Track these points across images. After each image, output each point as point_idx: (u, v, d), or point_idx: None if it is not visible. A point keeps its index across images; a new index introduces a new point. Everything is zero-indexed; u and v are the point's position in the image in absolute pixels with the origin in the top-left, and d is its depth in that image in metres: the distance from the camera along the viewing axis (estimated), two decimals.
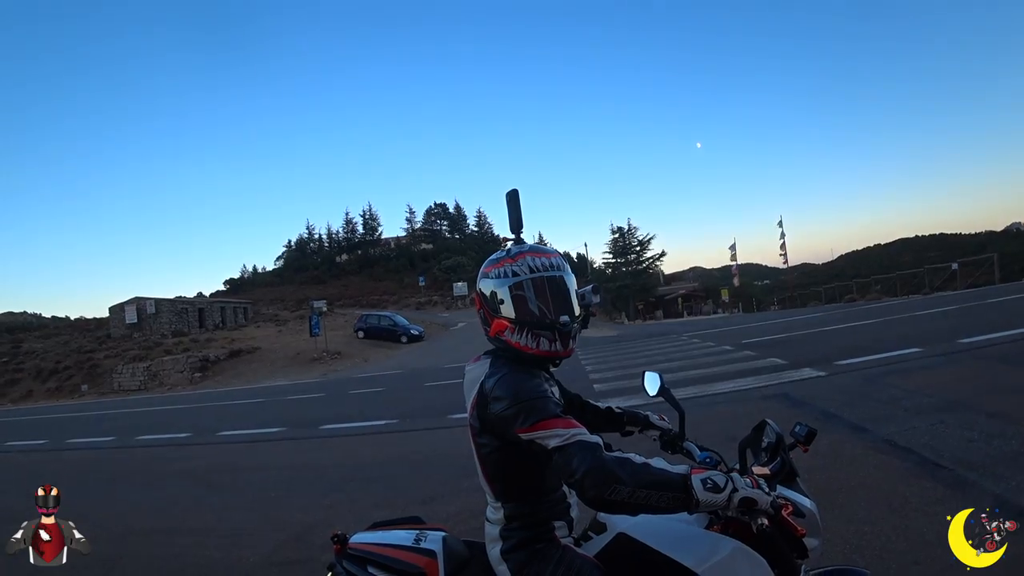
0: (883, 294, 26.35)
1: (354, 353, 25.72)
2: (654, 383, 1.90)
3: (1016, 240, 62.44)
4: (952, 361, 6.82)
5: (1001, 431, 4.17)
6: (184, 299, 43.86)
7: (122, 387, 24.75)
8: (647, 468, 1.19)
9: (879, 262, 74.76)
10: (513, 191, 1.61)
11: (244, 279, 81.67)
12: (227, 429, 9.63)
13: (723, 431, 4.90)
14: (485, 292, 1.48)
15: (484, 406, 1.38)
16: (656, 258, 48.87)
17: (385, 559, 1.48)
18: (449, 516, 4.00)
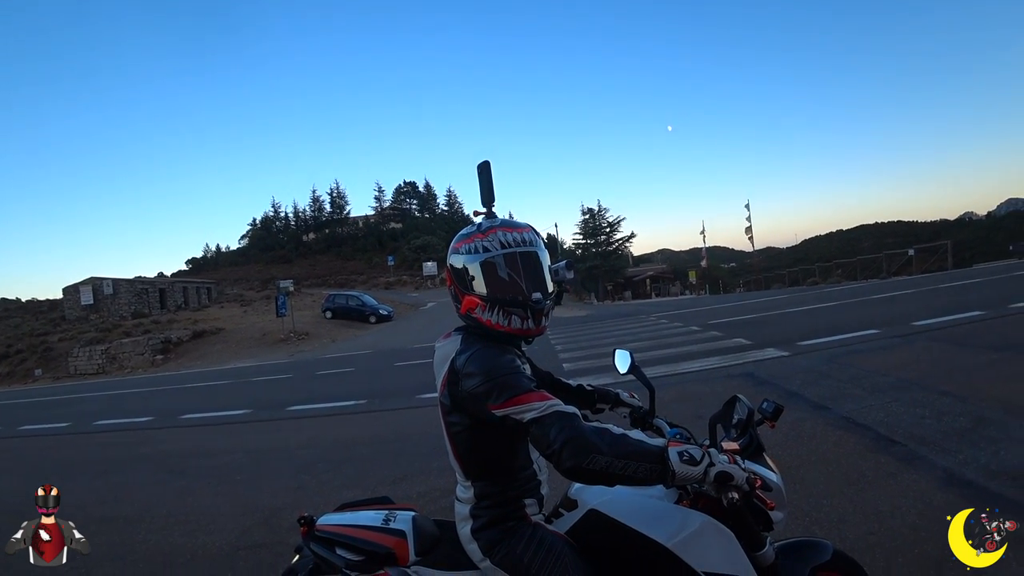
0: (844, 278, 27.23)
1: (322, 334, 25.37)
2: (624, 361, 1.90)
3: (968, 228, 65.12)
4: (907, 343, 7.09)
5: (950, 408, 4.36)
6: (144, 279, 42.44)
7: (79, 371, 23.90)
8: (625, 439, 1.19)
9: (841, 247, 77.25)
10: (484, 163, 1.57)
11: (207, 258, 79.33)
12: (191, 412, 9.39)
13: (691, 409, 5.01)
14: (456, 268, 1.44)
15: (455, 383, 1.35)
16: (626, 240, 49.45)
17: (353, 540, 1.45)
18: (420, 496, 4.00)
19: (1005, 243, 31.37)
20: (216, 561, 3.44)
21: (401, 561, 1.44)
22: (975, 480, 3.13)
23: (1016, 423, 3.88)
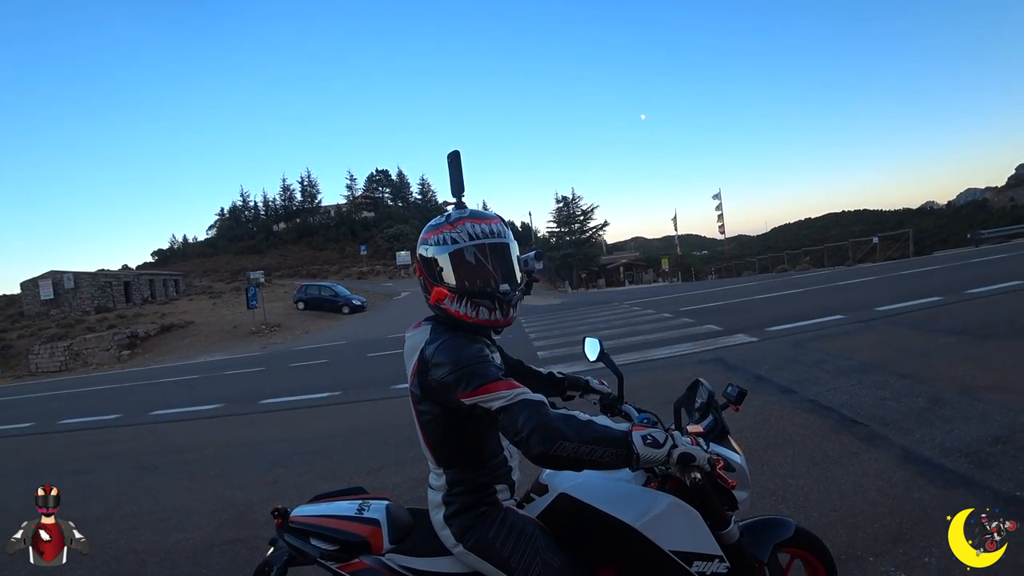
0: (812, 265, 27.95)
1: (294, 325, 25.03)
2: (594, 349, 1.94)
3: (929, 217, 67.26)
4: (870, 327, 7.33)
5: (909, 390, 4.54)
6: (107, 272, 41.18)
7: (40, 369, 23.11)
8: (591, 425, 1.22)
9: (809, 235, 79.11)
10: (454, 152, 1.56)
11: (174, 250, 77.21)
12: (160, 408, 9.18)
13: (661, 395, 5.09)
14: (425, 259, 1.44)
15: (425, 373, 1.37)
16: (599, 228, 49.75)
17: (328, 530, 1.46)
18: (395, 485, 4.01)
19: (964, 231, 32.49)
20: (190, 558, 3.39)
21: (375, 549, 1.45)
22: (931, 457, 3.28)
23: (970, 403, 4.06)
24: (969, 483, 2.93)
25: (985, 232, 26.17)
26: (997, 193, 70.08)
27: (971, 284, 9.48)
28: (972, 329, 6.33)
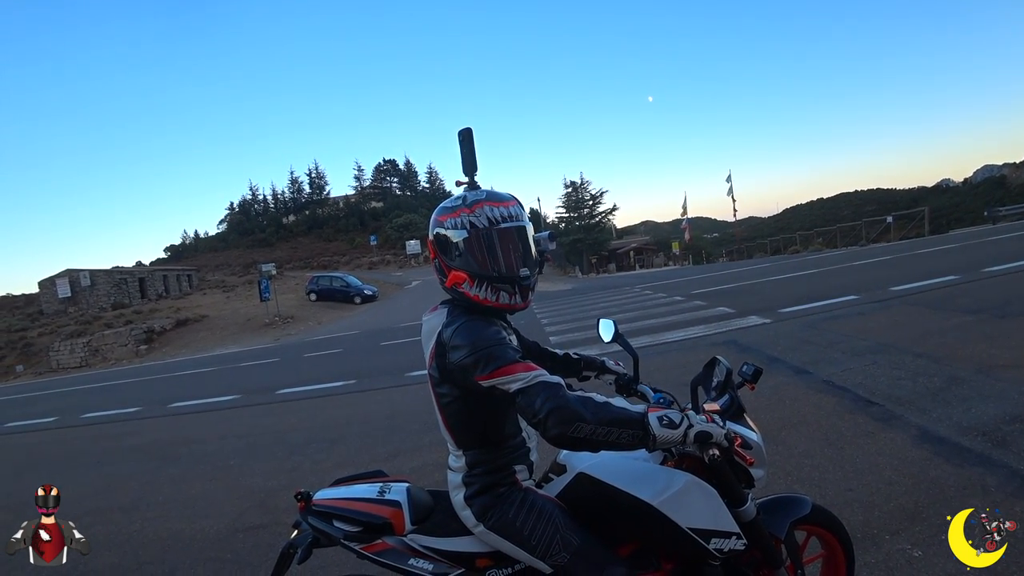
0: (824, 245, 27.61)
1: (307, 316, 25.21)
2: (608, 330, 1.94)
3: (945, 195, 66.03)
4: (884, 307, 7.26)
5: (925, 369, 4.50)
6: (122, 269, 41.65)
7: (61, 365, 23.52)
8: (608, 406, 1.23)
9: (821, 215, 78.08)
10: (466, 130, 1.57)
11: (186, 245, 77.92)
12: (179, 400, 9.34)
13: (676, 376, 5.10)
14: (441, 242, 1.45)
15: (443, 355, 1.38)
16: (609, 212, 49.30)
17: (350, 512, 1.49)
18: (413, 470, 4.06)
19: (981, 209, 31.95)
20: (215, 543, 3.48)
21: (398, 530, 1.48)
22: (948, 436, 3.26)
23: (986, 381, 4.03)
24: (986, 462, 2.91)
25: (1003, 209, 25.68)
26: (1015, 169, 68.54)
27: (988, 263, 9.34)
28: (989, 308, 6.25)
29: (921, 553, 2.27)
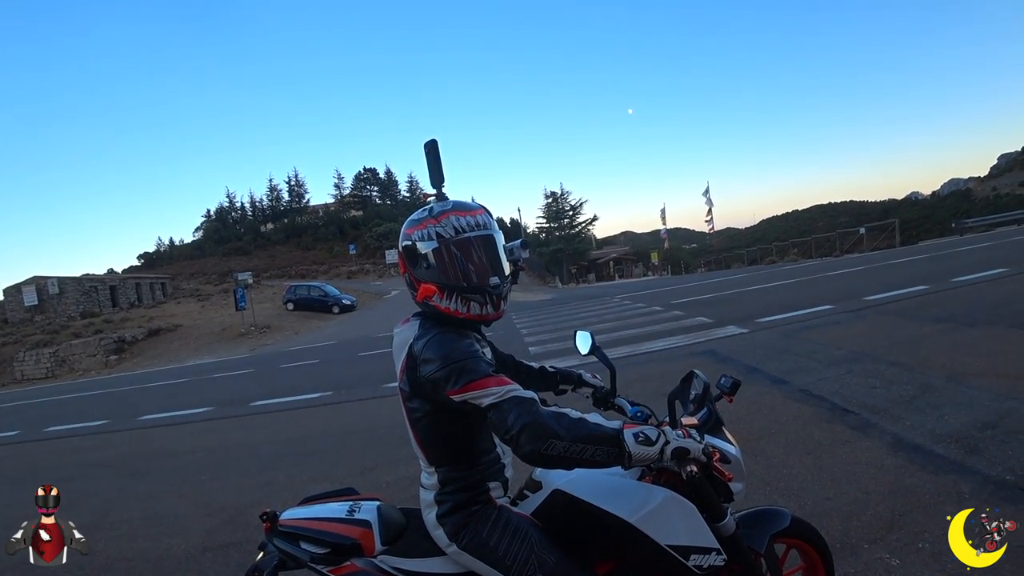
0: (800, 256, 28.14)
1: (284, 326, 24.85)
2: (586, 342, 1.91)
3: (915, 207, 68.00)
4: (859, 317, 7.39)
5: (899, 378, 4.57)
6: (93, 276, 40.58)
7: (26, 376, 22.77)
8: (583, 422, 1.20)
9: (797, 227, 79.80)
10: (431, 142, 1.52)
11: (160, 252, 76.17)
12: (149, 413, 9.07)
13: (655, 387, 5.10)
14: (409, 255, 1.41)
15: (414, 369, 1.34)
16: (588, 223, 49.84)
17: (318, 533, 1.43)
18: (389, 485, 3.98)
19: (948, 220, 32.92)
20: (182, 563, 3.35)
21: (367, 551, 1.42)
22: (922, 444, 3.30)
23: (958, 389, 4.10)
24: (960, 469, 2.95)
25: (969, 221, 26.55)
26: (980, 182, 70.98)
27: (957, 273, 9.59)
28: (958, 317, 6.40)
29: (899, 562, 2.27)
